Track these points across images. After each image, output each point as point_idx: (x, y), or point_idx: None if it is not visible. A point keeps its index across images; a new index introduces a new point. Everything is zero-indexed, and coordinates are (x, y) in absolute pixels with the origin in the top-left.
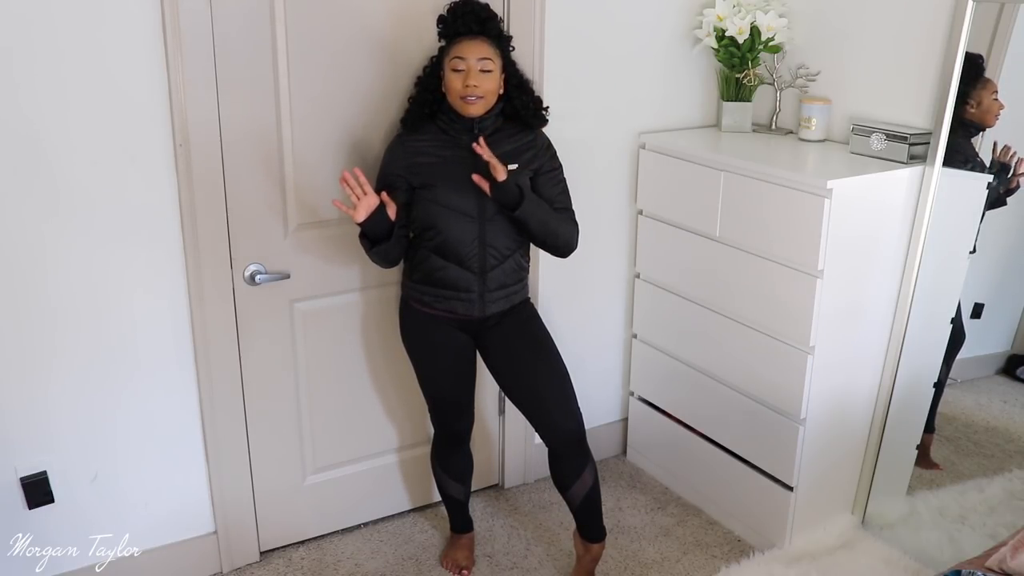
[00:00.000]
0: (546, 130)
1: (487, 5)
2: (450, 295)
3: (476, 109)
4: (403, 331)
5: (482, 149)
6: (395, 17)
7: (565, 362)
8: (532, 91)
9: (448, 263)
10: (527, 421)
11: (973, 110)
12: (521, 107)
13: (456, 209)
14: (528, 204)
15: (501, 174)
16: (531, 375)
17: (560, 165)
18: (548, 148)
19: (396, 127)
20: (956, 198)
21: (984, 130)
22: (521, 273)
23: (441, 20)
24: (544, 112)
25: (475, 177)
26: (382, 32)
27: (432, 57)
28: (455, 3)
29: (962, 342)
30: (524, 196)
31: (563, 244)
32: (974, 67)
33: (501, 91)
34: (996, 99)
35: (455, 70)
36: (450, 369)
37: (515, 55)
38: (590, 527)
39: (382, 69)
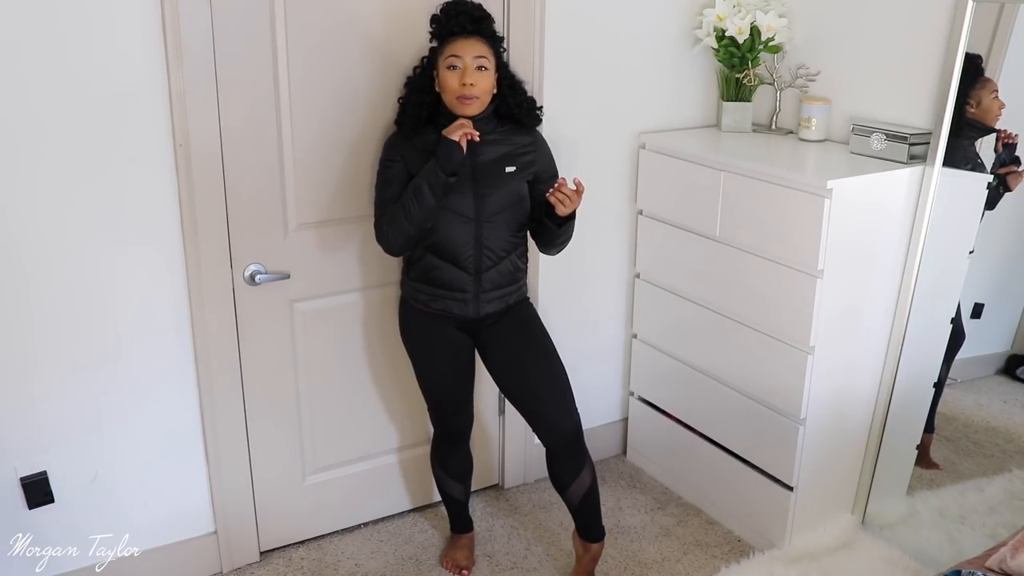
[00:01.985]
0: (545, 130)
1: (480, 5)
2: (445, 295)
3: (472, 109)
4: (402, 330)
5: (572, 191)
6: (393, 18)
7: (564, 362)
8: (525, 91)
9: (443, 263)
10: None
11: (973, 110)
12: (515, 106)
13: (453, 210)
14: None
15: (563, 212)
16: (529, 375)
17: (558, 171)
18: (548, 153)
19: (393, 127)
20: (956, 198)
21: (986, 130)
22: (517, 274)
23: (434, 20)
24: (538, 112)
25: (552, 196)
26: (381, 32)
27: (423, 58)
28: (448, 3)
29: (962, 342)
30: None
31: (565, 247)
32: (972, 67)
33: (494, 91)
34: (996, 98)
35: (450, 67)
36: (449, 368)
37: (515, 55)
38: (589, 527)
39: (381, 69)
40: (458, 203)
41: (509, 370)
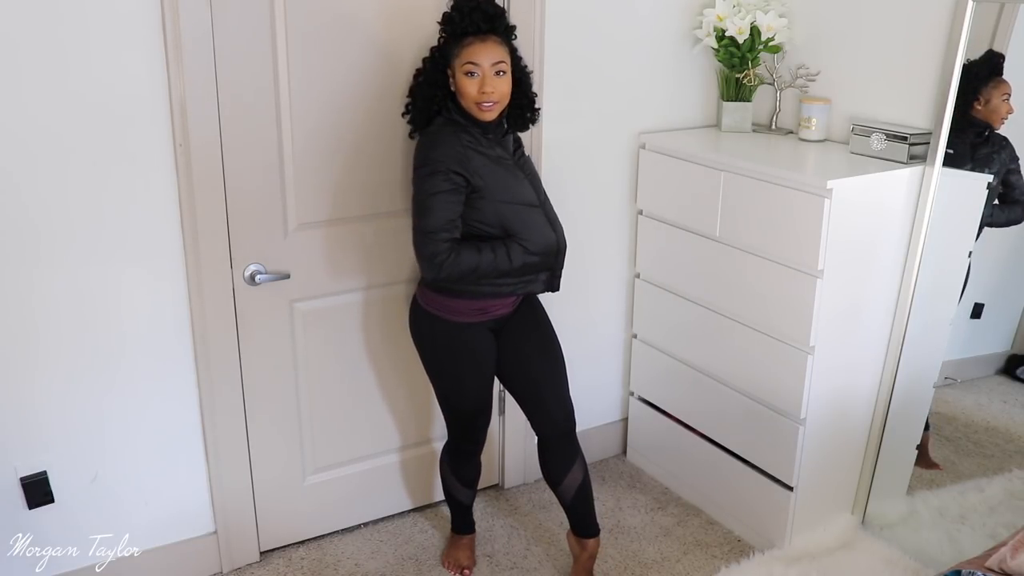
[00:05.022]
0: (545, 130)
1: (492, 0)
2: (530, 280)
3: (491, 114)
4: (429, 344)
5: None
6: (394, 16)
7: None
8: (530, 86)
9: (533, 255)
10: (526, 420)
11: (980, 107)
12: (515, 107)
13: (523, 202)
14: None
15: None
16: (533, 365)
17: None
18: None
19: (396, 126)
20: (956, 198)
21: (988, 130)
22: None
23: (447, 19)
24: (536, 112)
25: None
26: (381, 32)
27: (432, 48)
28: (460, 0)
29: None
30: None
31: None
32: (990, 65)
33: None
34: (1006, 100)
35: (468, 74)
36: (485, 378)
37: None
38: (584, 523)
39: (382, 68)
40: (525, 193)
41: (517, 359)
